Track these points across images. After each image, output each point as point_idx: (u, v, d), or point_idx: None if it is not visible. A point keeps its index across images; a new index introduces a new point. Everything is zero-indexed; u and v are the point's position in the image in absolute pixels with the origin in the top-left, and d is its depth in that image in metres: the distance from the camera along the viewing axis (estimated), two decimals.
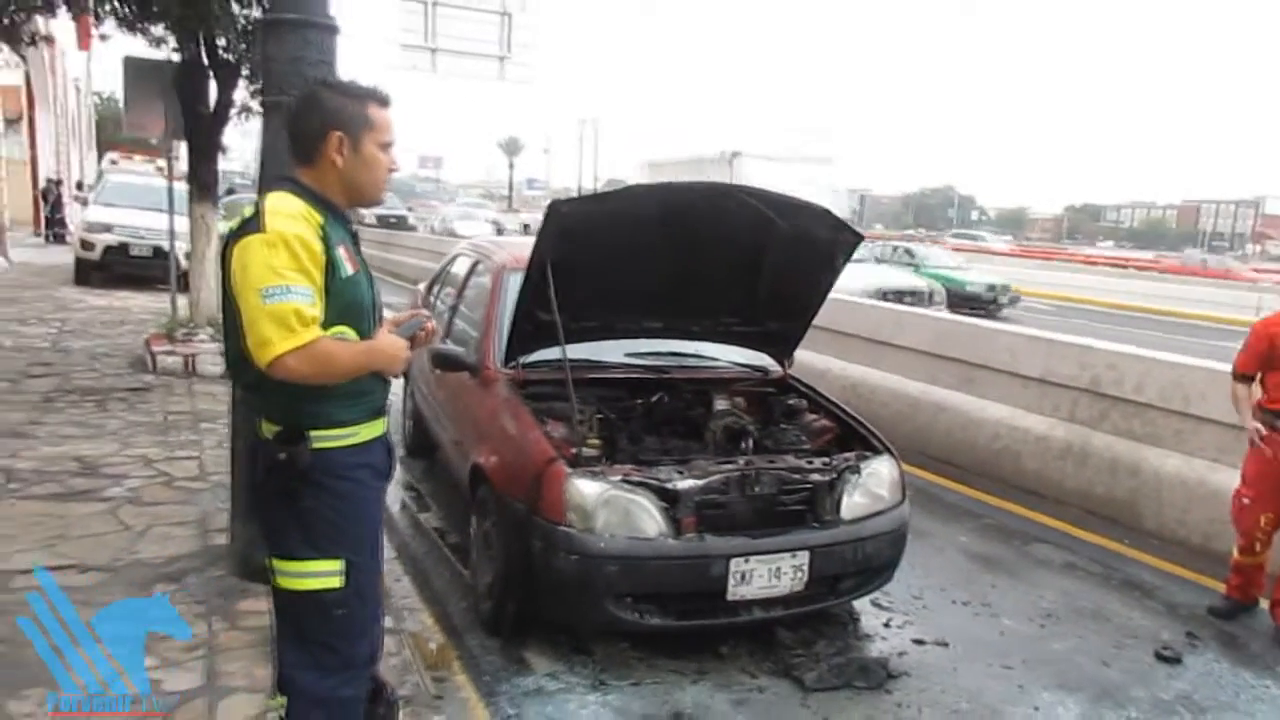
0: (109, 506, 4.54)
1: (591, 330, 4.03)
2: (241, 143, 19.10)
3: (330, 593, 2.11)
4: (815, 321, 4.41)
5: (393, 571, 4.09)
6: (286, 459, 2.05)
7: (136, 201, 13.89)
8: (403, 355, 2.16)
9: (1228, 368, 4.80)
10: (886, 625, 4.05)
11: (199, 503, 4.68)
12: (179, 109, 8.32)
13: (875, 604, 4.19)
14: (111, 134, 34.43)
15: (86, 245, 13.22)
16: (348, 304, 2.07)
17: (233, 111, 8.77)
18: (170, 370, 7.83)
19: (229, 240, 2.02)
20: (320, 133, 2.09)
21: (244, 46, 8.13)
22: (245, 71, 8.48)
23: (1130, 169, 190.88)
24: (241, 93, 8.75)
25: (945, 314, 8.01)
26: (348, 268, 2.07)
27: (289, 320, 1.91)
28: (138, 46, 8.46)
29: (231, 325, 2.04)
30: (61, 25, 14.69)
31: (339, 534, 2.12)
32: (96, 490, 4.76)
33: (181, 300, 9.35)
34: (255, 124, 9.53)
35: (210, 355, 8.04)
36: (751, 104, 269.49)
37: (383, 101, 2.17)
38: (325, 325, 2.00)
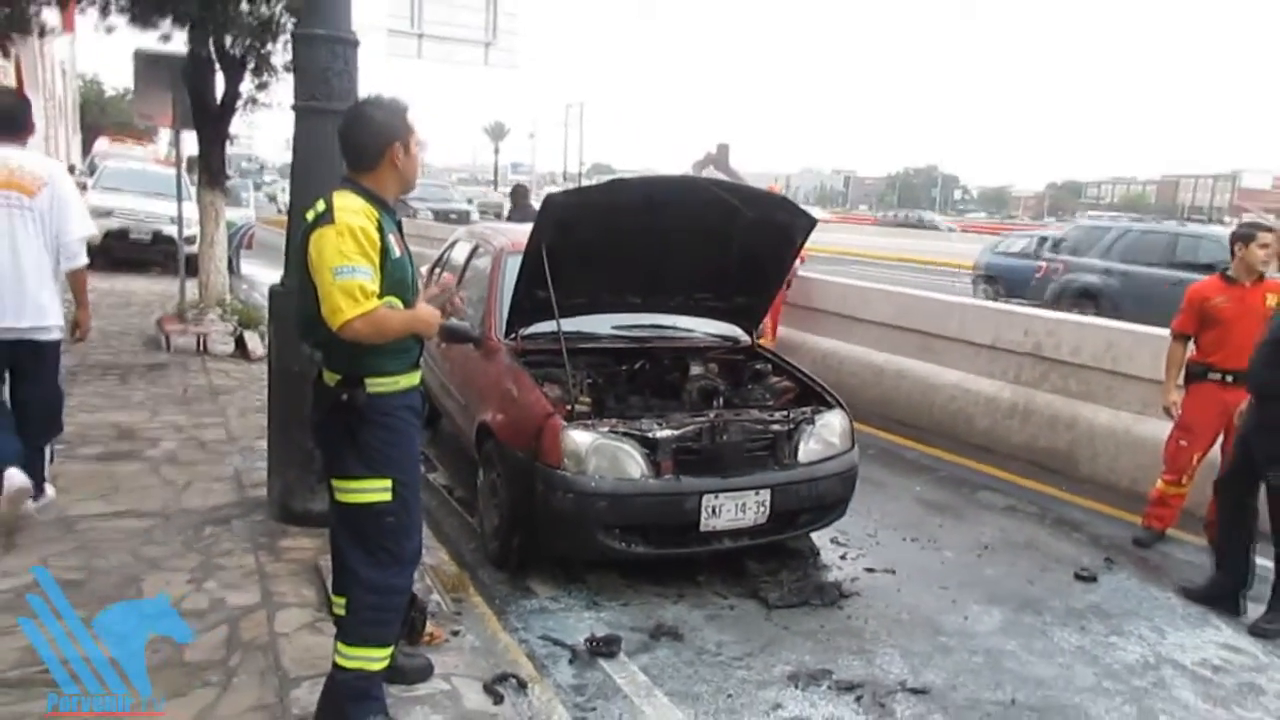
0: (150, 465, 5.09)
1: (582, 306, 4.59)
2: (246, 132, 19.43)
3: (383, 504, 2.67)
4: (792, 299, 4.97)
5: None
6: (348, 399, 2.62)
7: (135, 186, 14.17)
8: (436, 321, 2.75)
9: (1152, 330, 5.41)
10: (843, 558, 4.66)
11: (231, 462, 5.23)
12: (187, 100, 8.76)
13: (834, 541, 4.80)
14: (96, 118, 34.50)
15: None
16: (397, 280, 2.64)
17: (239, 103, 9.22)
18: (184, 349, 8.33)
19: (307, 230, 2.57)
20: (382, 145, 2.67)
21: (250, 43, 8.58)
22: (251, 65, 8.92)
23: (1112, 145, 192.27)
24: (247, 85, 9.19)
25: (907, 289, 8.58)
26: (396, 250, 2.64)
27: (355, 293, 2.47)
28: (145, 39, 8.88)
29: (306, 298, 2.61)
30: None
31: (387, 459, 2.67)
32: (137, 452, 5.30)
33: (189, 283, 9.83)
34: (260, 116, 9.99)
35: (220, 335, 8.57)
36: (739, 91, 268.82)
37: (409, 110, 2.75)
38: (379, 297, 2.56)
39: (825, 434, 4.33)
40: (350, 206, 2.56)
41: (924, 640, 3.84)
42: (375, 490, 2.66)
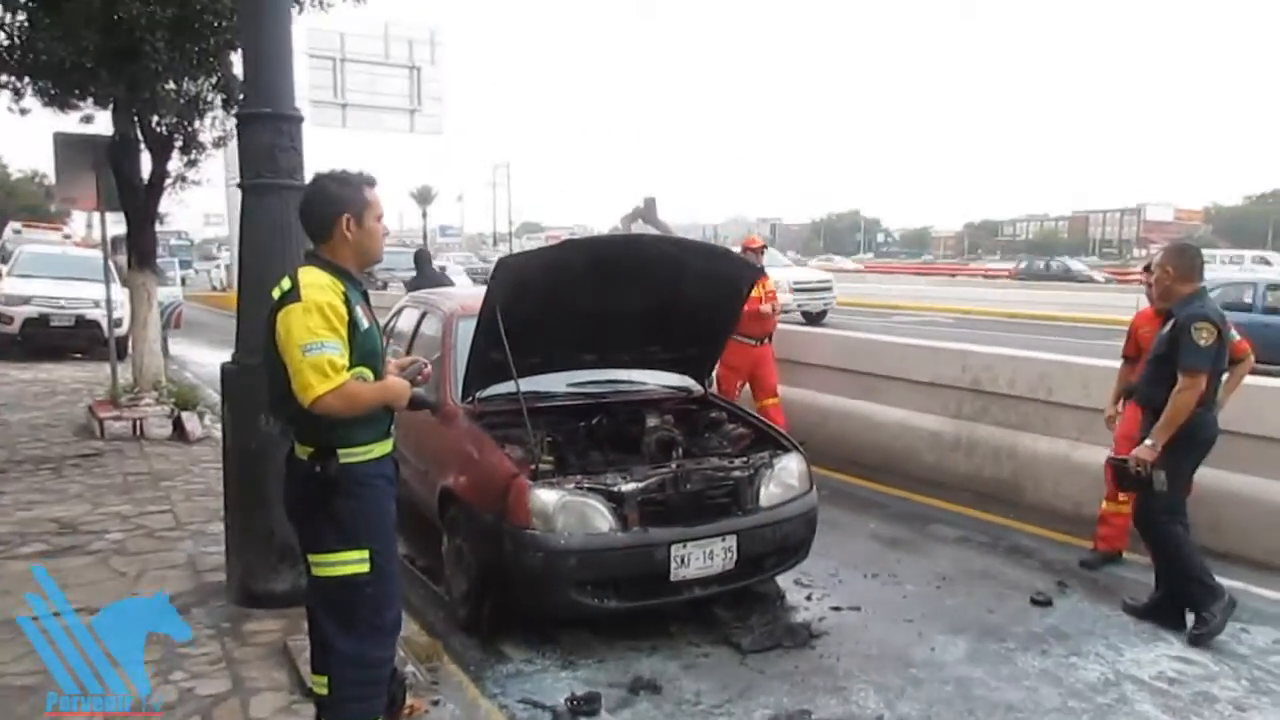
0: (98, 558, 4.93)
1: (537, 365, 4.64)
2: (177, 210, 19.14)
3: (361, 575, 2.67)
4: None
5: None
6: (321, 471, 2.63)
7: (54, 272, 13.86)
8: (408, 392, 2.78)
9: (1081, 361, 5.69)
10: (809, 598, 4.73)
11: (183, 548, 5.10)
12: (112, 181, 8.65)
13: (798, 582, 4.87)
14: (2, 202, 33.52)
15: (4, 319, 13.12)
16: (368, 351, 2.68)
17: (168, 182, 9.13)
18: (119, 435, 8.11)
19: (274, 308, 2.60)
20: (331, 216, 2.71)
21: (177, 121, 8.55)
22: (179, 143, 8.87)
23: (1025, 182, 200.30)
24: (175, 163, 9.13)
25: (847, 332, 8.84)
26: (364, 322, 2.69)
27: (325, 368, 2.51)
28: (62, 122, 8.78)
29: (275, 375, 2.62)
30: None
31: (363, 529, 2.68)
32: (82, 545, 5.13)
33: (121, 366, 9.60)
34: (190, 194, 9.91)
35: (157, 419, 8.37)
36: (664, 143, 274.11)
37: (371, 183, 2.81)
38: (350, 369, 2.59)
39: (784, 477, 4.43)
40: (316, 283, 2.60)
41: (895, 674, 3.92)
42: (353, 562, 2.66)
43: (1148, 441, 4.21)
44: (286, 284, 2.63)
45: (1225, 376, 4.40)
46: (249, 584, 4.23)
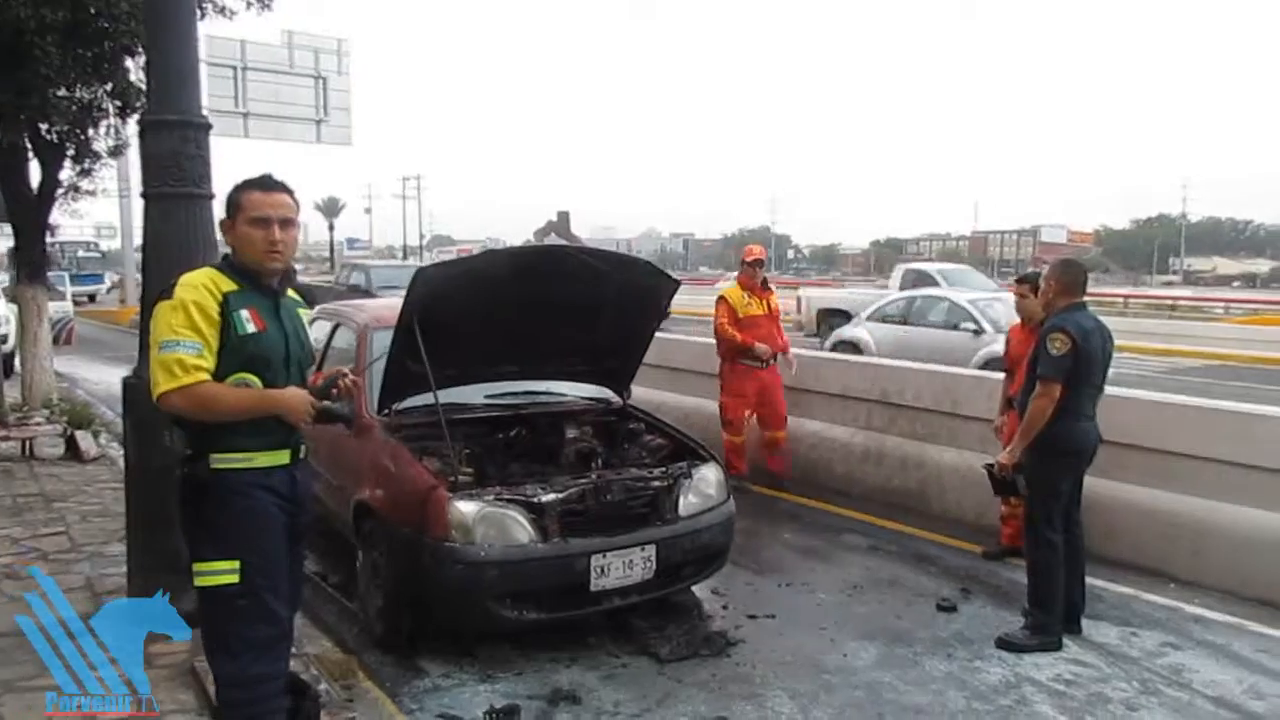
0: None
1: (455, 376, 4.60)
2: (69, 222, 18.27)
3: (230, 586, 2.57)
4: (652, 360, 5.14)
5: None
6: (189, 474, 2.60)
7: None
8: (303, 406, 2.66)
9: (985, 375, 5.93)
10: (725, 607, 4.79)
11: (80, 570, 4.87)
12: None
13: (714, 592, 4.93)
14: None
15: None
16: (250, 356, 2.61)
17: (59, 192, 8.77)
18: (7, 456, 7.72)
19: (152, 305, 2.61)
20: (223, 219, 2.74)
21: (69, 129, 8.21)
22: (71, 152, 8.53)
23: (926, 202, 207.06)
24: (67, 173, 8.77)
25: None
26: (250, 326, 2.61)
27: (172, 367, 2.48)
28: None
29: None
30: None
31: (236, 539, 2.59)
32: None
33: (8, 384, 9.17)
34: (85, 204, 9.54)
35: (49, 437, 7.98)
36: (576, 157, 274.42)
37: (259, 186, 2.73)
38: (224, 373, 2.56)
39: (703, 487, 4.49)
40: (191, 281, 2.59)
41: (809, 680, 4.00)
42: (223, 573, 2.58)
43: (1009, 448, 4.43)
44: (171, 281, 2.63)
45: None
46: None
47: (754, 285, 7.15)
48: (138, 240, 15.24)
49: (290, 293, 2.88)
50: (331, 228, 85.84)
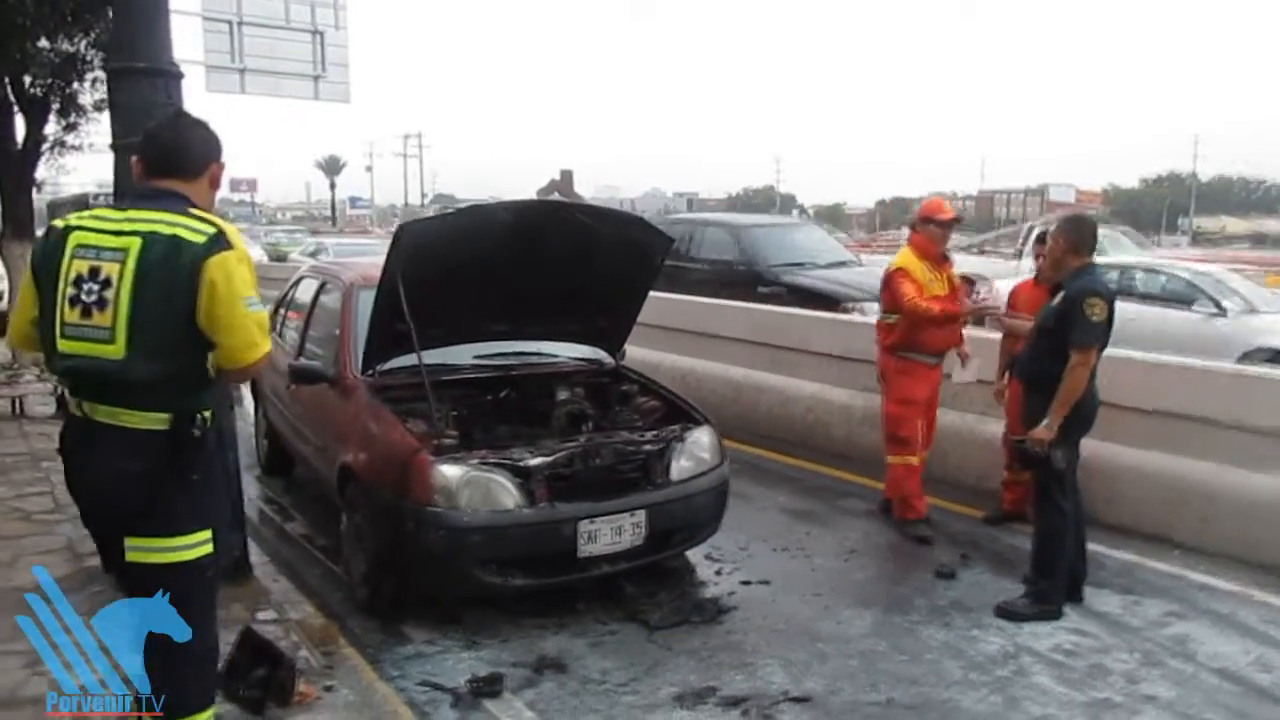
0: None
1: (441, 336, 4.46)
2: (68, 180, 17.99)
3: (207, 557, 2.44)
4: (648, 319, 4.99)
5: (269, 573, 4.42)
6: (201, 436, 2.37)
7: None
8: None
9: (989, 336, 5.75)
10: (718, 573, 4.70)
11: (62, 532, 4.78)
12: None
13: (707, 557, 4.83)
14: None
15: None
16: None
17: (44, 147, 8.62)
18: None
19: (200, 255, 2.28)
20: (208, 158, 2.51)
21: (52, 82, 8.04)
22: (55, 106, 8.37)
23: (932, 160, 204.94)
24: (53, 128, 8.62)
25: (758, 305, 8.82)
26: None
27: (266, 327, 2.42)
28: None
29: (165, 328, 2.29)
30: None
31: (213, 504, 2.48)
32: None
33: None
34: (72, 159, 9.41)
35: (39, 396, 7.90)
36: (579, 116, 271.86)
37: None
38: None
39: (696, 450, 4.37)
40: (234, 230, 2.38)
41: (802, 648, 3.91)
42: (201, 544, 2.43)
43: (1045, 422, 4.13)
44: (208, 227, 2.33)
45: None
46: None
47: (936, 254, 5.31)
48: None
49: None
50: (333, 186, 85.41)
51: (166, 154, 2.46)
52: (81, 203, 17.90)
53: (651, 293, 4.90)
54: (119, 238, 2.29)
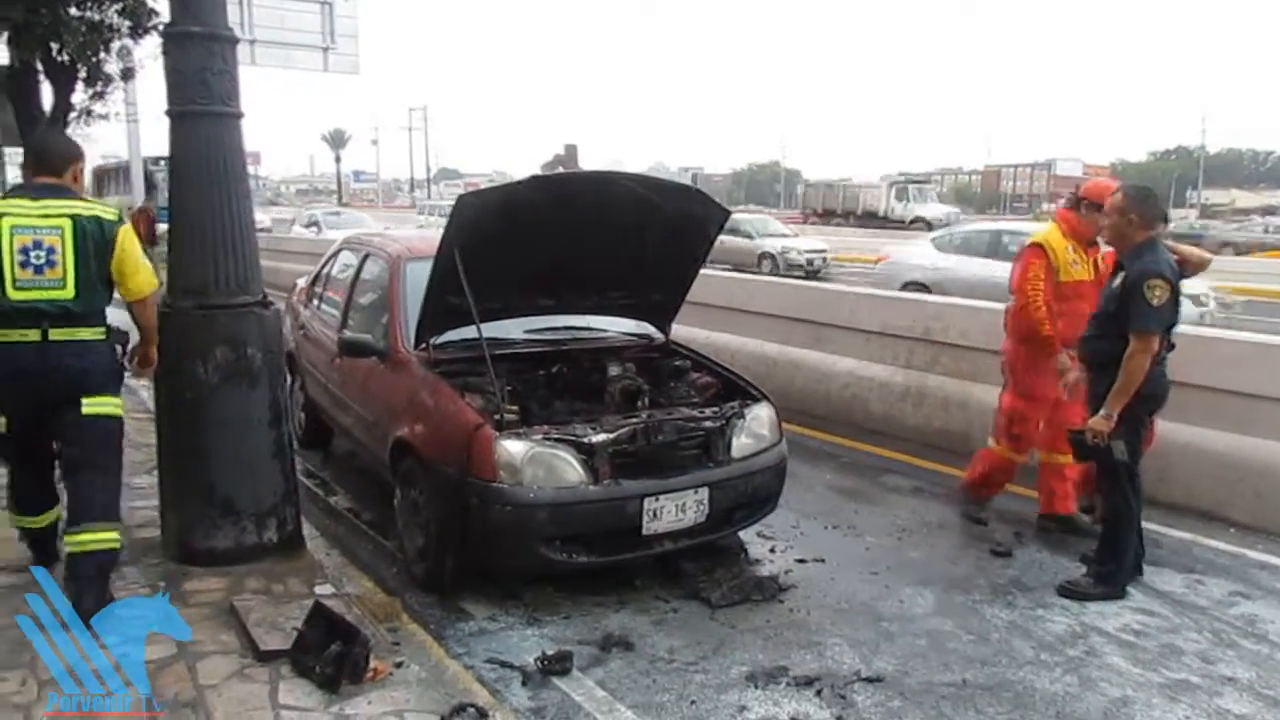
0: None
1: (495, 310, 4.39)
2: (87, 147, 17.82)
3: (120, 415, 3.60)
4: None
5: (320, 547, 4.37)
6: (109, 340, 3.53)
7: None
8: None
9: None
10: (772, 551, 4.65)
11: None
12: (12, 113, 8.05)
13: (760, 535, 4.78)
14: None
15: None
16: None
17: (71, 115, 8.51)
18: None
19: (113, 229, 3.43)
20: (69, 159, 3.62)
21: (80, 48, 7.92)
22: (83, 74, 8.25)
23: (937, 136, 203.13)
24: (80, 96, 8.50)
25: (792, 280, 8.74)
26: None
27: (152, 270, 3.66)
28: None
29: (98, 278, 3.41)
30: None
31: (118, 378, 3.64)
32: None
33: None
34: (98, 129, 9.30)
35: None
36: (584, 89, 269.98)
37: None
38: None
39: (755, 427, 4.31)
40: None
41: (867, 628, 3.87)
42: (119, 406, 3.60)
43: (1102, 411, 4.01)
44: (111, 214, 3.49)
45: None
46: (187, 541, 3.95)
47: (1085, 235, 4.86)
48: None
49: None
50: (338, 159, 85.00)
51: (39, 157, 3.56)
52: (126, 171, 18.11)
53: None
54: (48, 219, 3.30)
